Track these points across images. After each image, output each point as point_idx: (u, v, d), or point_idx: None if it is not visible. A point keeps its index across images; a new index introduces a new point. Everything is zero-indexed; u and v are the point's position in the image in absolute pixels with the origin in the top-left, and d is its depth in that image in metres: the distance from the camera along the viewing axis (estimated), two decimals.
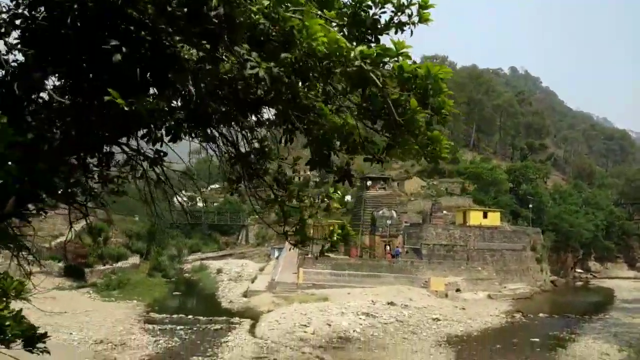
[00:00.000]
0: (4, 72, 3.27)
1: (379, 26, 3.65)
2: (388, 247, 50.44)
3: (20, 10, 3.24)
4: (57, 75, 3.34)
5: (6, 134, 2.78)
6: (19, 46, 3.27)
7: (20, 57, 3.32)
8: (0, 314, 3.60)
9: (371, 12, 3.58)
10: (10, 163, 2.89)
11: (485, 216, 58.13)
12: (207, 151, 4.90)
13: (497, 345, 28.02)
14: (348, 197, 79.94)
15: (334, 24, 3.45)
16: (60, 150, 3.33)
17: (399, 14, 3.51)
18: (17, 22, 3.24)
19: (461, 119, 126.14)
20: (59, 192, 3.73)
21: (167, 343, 25.82)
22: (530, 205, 67.02)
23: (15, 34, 3.27)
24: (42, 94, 3.40)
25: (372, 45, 3.58)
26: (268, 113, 4.12)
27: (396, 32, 3.61)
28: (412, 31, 3.60)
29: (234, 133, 4.30)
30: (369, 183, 53.93)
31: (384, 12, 3.57)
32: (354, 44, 3.36)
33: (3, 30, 3.24)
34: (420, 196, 74.51)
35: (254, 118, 4.21)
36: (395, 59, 3.29)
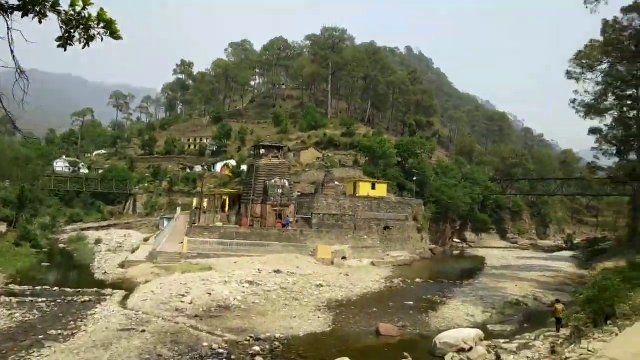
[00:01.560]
0: None
1: None
2: (280, 217, 50.31)
3: None
4: None
5: None
6: None
7: None
8: None
9: None
10: None
11: (373, 187, 60.21)
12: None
13: (373, 308, 29.06)
14: (244, 167, 78.75)
15: None
16: None
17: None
18: None
19: (358, 94, 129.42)
20: None
21: (24, 316, 23.32)
22: (415, 179, 70.68)
23: None
24: None
25: None
26: None
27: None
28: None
29: None
30: (262, 151, 52.99)
31: None
32: None
33: None
34: (314, 167, 75.26)
35: None
36: None
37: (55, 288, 30.28)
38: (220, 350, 19.55)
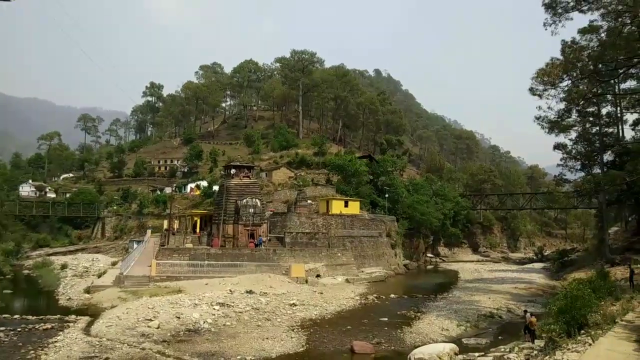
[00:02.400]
0: None
1: None
2: (252, 237, 49.54)
3: None
4: None
5: None
6: None
7: None
8: None
9: None
10: None
11: (346, 205, 60.08)
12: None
13: (348, 326, 28.60)
14: (216, 187, 77.71)
15: None
16: None
17: None
18: None
19: (329, 115, 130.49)
20: None
21: None
22: (387, 195, 71.01)
23: None
24: None
25: None
26: None
27: None
28: None
29: None
30: (233, 171, 52.35)
31: None
32: None
33: None
34: (287, 186, 74.82)
35: None
36: None
37: (16, 316, 28.88)
38: None
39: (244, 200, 49.34)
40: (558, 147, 60.67)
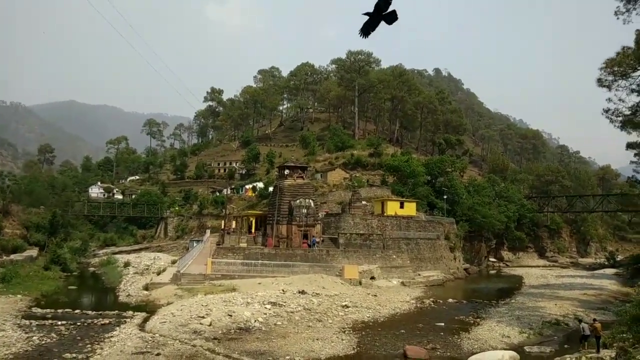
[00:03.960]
0: None
1: None
2: (306, 237, 49.31)
3: None
4: None
5: None
6: None
7: None
8: None
9: None
10: None
11: (402, 206, 58.60)
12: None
13: (401, 330, 27.50)
14: (271, 189, 78.49)
15: None
16: None
17: None
18: None
19: (385, 115, 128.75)
20: None
21: (42, 340, 22.88)
22: (445, 197, 68.66)
23: None
24: None
25: None
26: None
27: None
28: None
29: None
30: (286, 172, 52.37)
31: None
32: None
33: None
34: (341, 187, 74.28)
35: None
36: None
37: (77, 311, 29.98)
38: None
39: (298, 201, 49.20)
40: (632, 145, 56.06)
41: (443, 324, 29.85)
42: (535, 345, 24.95)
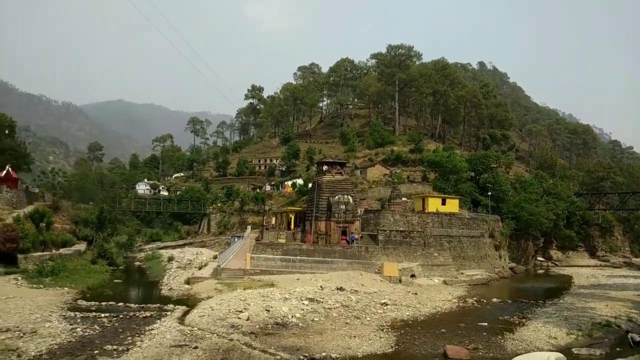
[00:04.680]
0: None
1: None
2: (344, 233, 48.89)
3: None
4: None
5: None
6: None
7: None
8: None
9: None
10: None
11: (443, 203, 57.23)
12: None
13: (442, 329, 26.68)
14: (310, 185, 78.50)
15: None
16: None
17: None
18: None
19: (427, 110, 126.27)
20: None
21: (85, 331, 23.51)
22: (490, 193, 66.52)
23: None
24: None
25: None
26: None
27: None
28: None
29: None
30: (325, 168, 52.11)
31: None
32: None
33: None
34: (381, 184, 73.37)
35: None
36: None
37: (121, 304, 30.72)
38: None
39: (336, 197, 48.81)
40: None
41: (486, 323, 28.83)
42: (584, 348, 23.62)
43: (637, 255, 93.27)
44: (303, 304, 29.80)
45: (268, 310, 27.62)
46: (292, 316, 27.00)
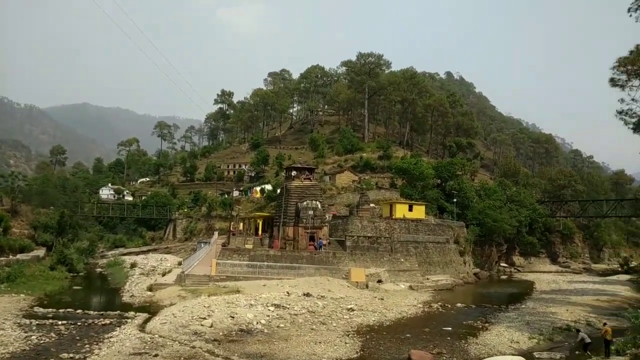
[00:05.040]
0: None
1: None
2: (312, 239, 48.74)
3: None
4: None
5: None
6: None
7: None
8: None
9: None
10: None
11: (410, 209, 57.86)
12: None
13: (407, 334, 26.79)
14: (279, 191, 78.10)
15: None
16: None
17: None
18: None
19: (395, 118, 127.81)
20: None
21: (40, 339, 22.56)
22: (455, 200, 67.67)
23: None
24: None
25: None
26: None
27: None
28: None
29: None
30: (293, 173, 51.96)
31: None
32: None
33: None
34: (350, 190, 73.70)
35: None
36: None
37: (79, 311, 29.68)
38: None
39: (304, 203, 48.68)
40: None
41: (450, 328, 29.12)
42: (545, 351, 24.14)
43: (597, 261, 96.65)
44: (269, 310, 29.46)
45: (233, 317, 27.16)
46: (257, 322, 26.63)
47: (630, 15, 35.04)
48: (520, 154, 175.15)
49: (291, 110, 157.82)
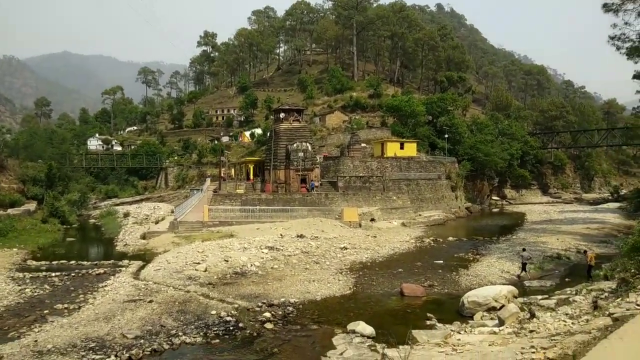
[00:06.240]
0: None
1: None
2: (304, 181, 48.63)
3: None
4: None
5: None
6: None
7: None
8: None
9: None
10: None
11: (401, 147, 57.54)
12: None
13: (399, 269, 27.19)
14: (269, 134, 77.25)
15: None
16: None
17: None
18: None
19: (385, 54, 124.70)
20: None
21: (34, 292, 22.60)
22: (447, 136, 67.26)
23: None
24: None
25: None
26: None
27: None
28: None
29: None
30: (282, 115, 50.98)
31: None
32: None
33: None
34: (341, 130, 72.94)
35: None
36: None
37: (73, 262, 29.69)
38: (229, 318, 18.21)
39: (294, 145, 48.13)
40: (638, 76, 53.85)
41: (442, 261, 29.58)
42: (536, 280, 24.62)
43: (587, 191, 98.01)
44: (262, 252, 29.64)
45: (227, 261, 27.31)
46: (252, 265, 26.82)
47: None
48: (512, 86, 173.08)
49: (278, 51, 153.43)
